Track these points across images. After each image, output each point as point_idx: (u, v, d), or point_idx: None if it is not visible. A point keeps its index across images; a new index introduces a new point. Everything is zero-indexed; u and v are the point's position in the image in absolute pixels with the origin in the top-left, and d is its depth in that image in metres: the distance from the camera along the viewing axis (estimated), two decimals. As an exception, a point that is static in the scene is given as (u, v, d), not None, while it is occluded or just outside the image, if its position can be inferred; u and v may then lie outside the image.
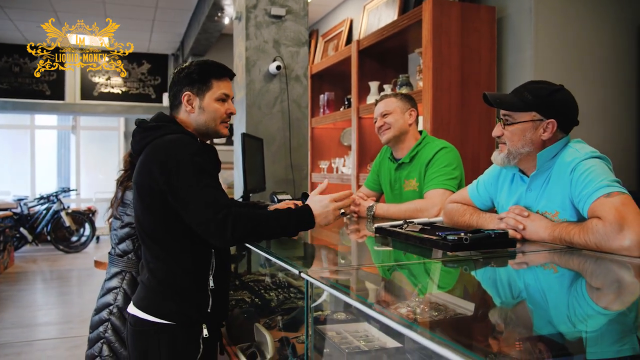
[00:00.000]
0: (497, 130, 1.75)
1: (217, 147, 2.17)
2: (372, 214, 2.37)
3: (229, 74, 1.72)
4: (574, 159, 1.62)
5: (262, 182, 3.26)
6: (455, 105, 3.43)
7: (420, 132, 2.57)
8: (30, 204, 8.54)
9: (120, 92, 8.50)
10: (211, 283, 1.60)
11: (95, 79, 8.35)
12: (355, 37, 5.26)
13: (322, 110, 5.33)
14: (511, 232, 1.63)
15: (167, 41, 7.84)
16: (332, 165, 5.16)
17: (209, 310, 1.60)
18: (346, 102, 4.82)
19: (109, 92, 8.45)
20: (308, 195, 2.63)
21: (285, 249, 1.84)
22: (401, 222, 1.75)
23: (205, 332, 1.59)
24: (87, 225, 8.64)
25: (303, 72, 3.63)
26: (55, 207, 8.37)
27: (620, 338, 1.01)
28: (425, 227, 1.71)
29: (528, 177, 1.74)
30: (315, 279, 1.17)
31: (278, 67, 3.45)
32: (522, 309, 1.16)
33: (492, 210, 1.95)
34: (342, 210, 1.64)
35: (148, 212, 1.59)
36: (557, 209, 1.65)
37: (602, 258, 1.41)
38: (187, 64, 1.71)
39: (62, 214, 8.34)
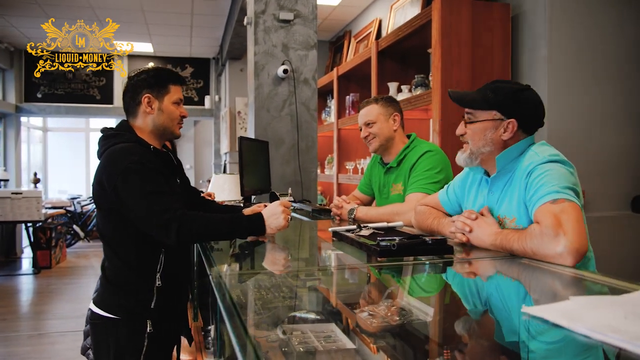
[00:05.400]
0: (460, 129, 1.71)
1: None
2: (353, 216, 2.38)
3: (182, 82, 1.82)
4: (532, 163, 1.56)
5: (267, 184, 3.32)
6: (465, 106, 3.36)
7: (409, 135, 2.54)
8: (83, 203, 9.04)
9: (165, 95, 8.82)
10: (158, 281, 1.69)
11: (142, 83, 8.73)
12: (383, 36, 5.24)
13: (347, 111, 5.35)
14: (459, 236, 1.61)
15: (207, 45, 8.08)
16: (358, 166, 5.16)
17: (152, 307, 1.69)
18: (368, 103, 4.81)
19: (156, 96, 8.79)
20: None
21: (229, 248, 1.88)
22: (354, 226, 1.76)
23: (149, 327, 1.67)
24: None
25: (312, 75, 3.66)
26: (105, 205, 8.82)
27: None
28: (378, 232, 1.71)
29: (489, 177, 1.71)
30: (218, 281, 1.21)
31: (285, 71, 3.50)
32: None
33: None
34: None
35: (101, 214, 1.71)
36: (514, 214, 1.60)
37: (539, 268, 1.37)
38: (144, 69, 1.81)
39: (112, 212, 8.78)
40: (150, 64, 8.70)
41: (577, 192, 1.47)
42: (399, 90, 4.19)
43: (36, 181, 7.84)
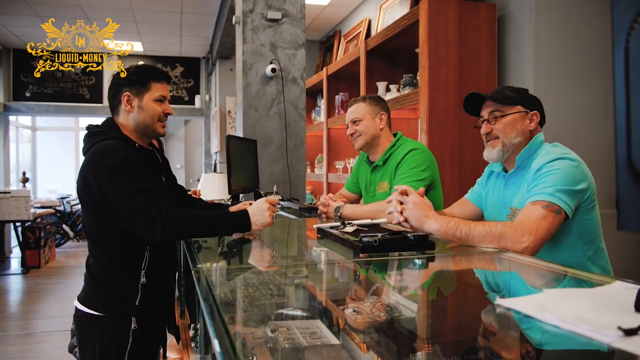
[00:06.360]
0: (485, 128, 1.83)
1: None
2: (339, 214, 2.39)
3: (166, 78, 1.81)
4: (543, 160, 1.69)
5: (255, 182, 3.33)
6: (452, 105, 3.39)
7: (395, 134, 2.56)
8: (73, 202, 8.99)
9: (156, 94, 8.79)
10: (142, 278, 1.69)
11: (132, 83, 8.71)
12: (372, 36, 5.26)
13: (337, 110, 5.36)
14: (396, 215, 1.67)
15: (197, 45, 8.07)
16: (347, 165, 5.18)
17: (136, 304, 1.69)
18: (357, 103, 4.82)
19: (146, 95, 8.76)
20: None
21: (213, 244, 1.89)
22: (338, 223, 1.77)
23: (134, 324, 1.68)
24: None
25: (300, 74, 3.68)
26: (95, 205, 8.77)
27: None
28: (362, 228, 1.72)
29: (507, 173, 1.83)
30: (199, 277, 1.22)
31: (273, 70, 3.51)
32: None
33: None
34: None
35: (86, 211, 1.71)
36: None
37: (521, 263, 1.39)
38: (129, 67, 1.81)
39: (102, 211, 8.73)
40: (140, 63, 8.67)
41: (574, 191, 1.61)
42: (388, 90, 4.21)
43: (25, 180, 7.79)
